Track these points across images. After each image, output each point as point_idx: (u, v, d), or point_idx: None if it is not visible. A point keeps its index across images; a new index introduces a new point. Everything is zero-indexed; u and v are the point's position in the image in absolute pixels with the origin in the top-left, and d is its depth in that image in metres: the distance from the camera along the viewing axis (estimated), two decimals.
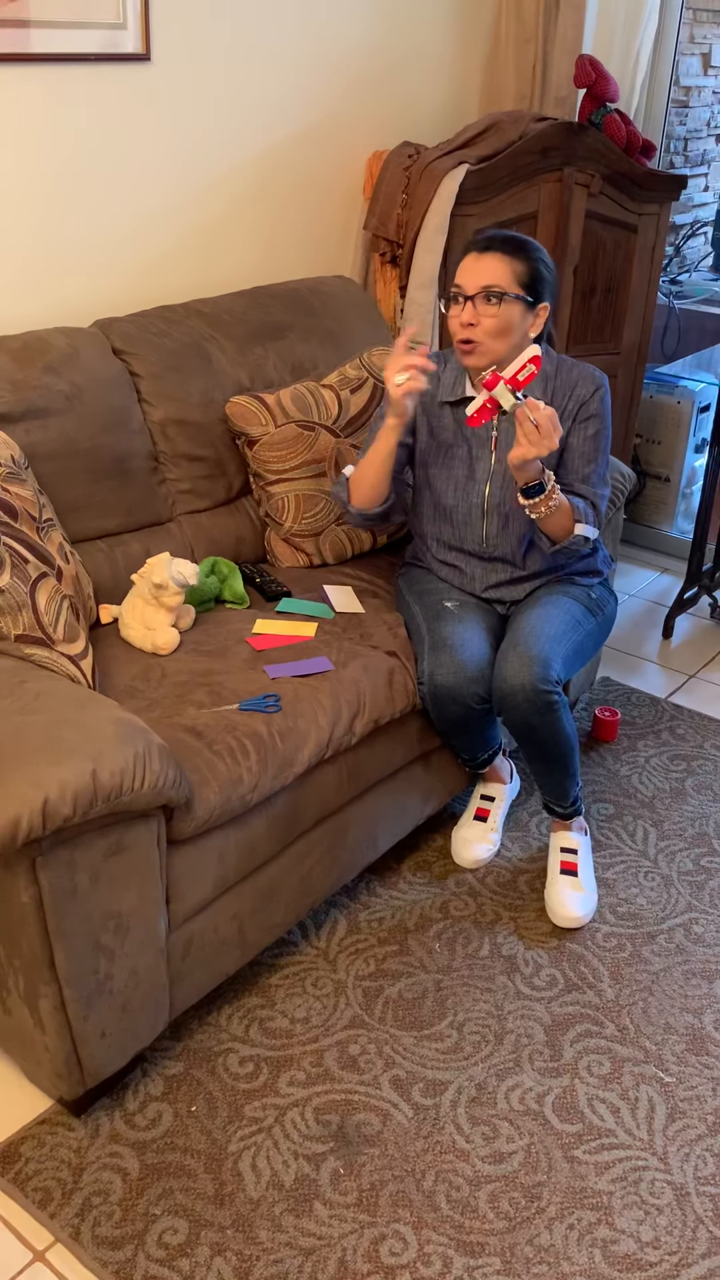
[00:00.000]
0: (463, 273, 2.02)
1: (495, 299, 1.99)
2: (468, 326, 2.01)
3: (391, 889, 2.27)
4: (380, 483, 2.11)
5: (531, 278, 2.02)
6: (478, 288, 2.00)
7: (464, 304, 2.01)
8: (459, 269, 2.03)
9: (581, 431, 2.13)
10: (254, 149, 2.65)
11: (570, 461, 2.14)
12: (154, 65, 2.36)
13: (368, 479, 2.11)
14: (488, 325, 2.01)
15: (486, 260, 2.00)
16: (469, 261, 2.02)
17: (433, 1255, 1.60)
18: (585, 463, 2.14)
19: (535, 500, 1.99)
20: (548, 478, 1.98)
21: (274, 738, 1.84)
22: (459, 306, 2.02)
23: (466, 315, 2.01)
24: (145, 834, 1.63)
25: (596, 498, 2.14)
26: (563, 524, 2.05)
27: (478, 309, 2.00)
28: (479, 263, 2.01)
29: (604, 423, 2.14)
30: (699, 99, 4.09)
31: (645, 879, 2.32)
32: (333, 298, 2.69)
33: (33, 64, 2.15)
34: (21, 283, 2.28)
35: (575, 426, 2.13)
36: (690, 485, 3.89)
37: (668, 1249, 1.62)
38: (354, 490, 2.15)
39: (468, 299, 2.00)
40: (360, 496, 2.14)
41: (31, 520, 1.90)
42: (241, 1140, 1.75)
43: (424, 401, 2.18)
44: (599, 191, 3.01)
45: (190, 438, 2.34)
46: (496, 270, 1.99)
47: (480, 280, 2.00)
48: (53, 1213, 1.64)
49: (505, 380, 1.91)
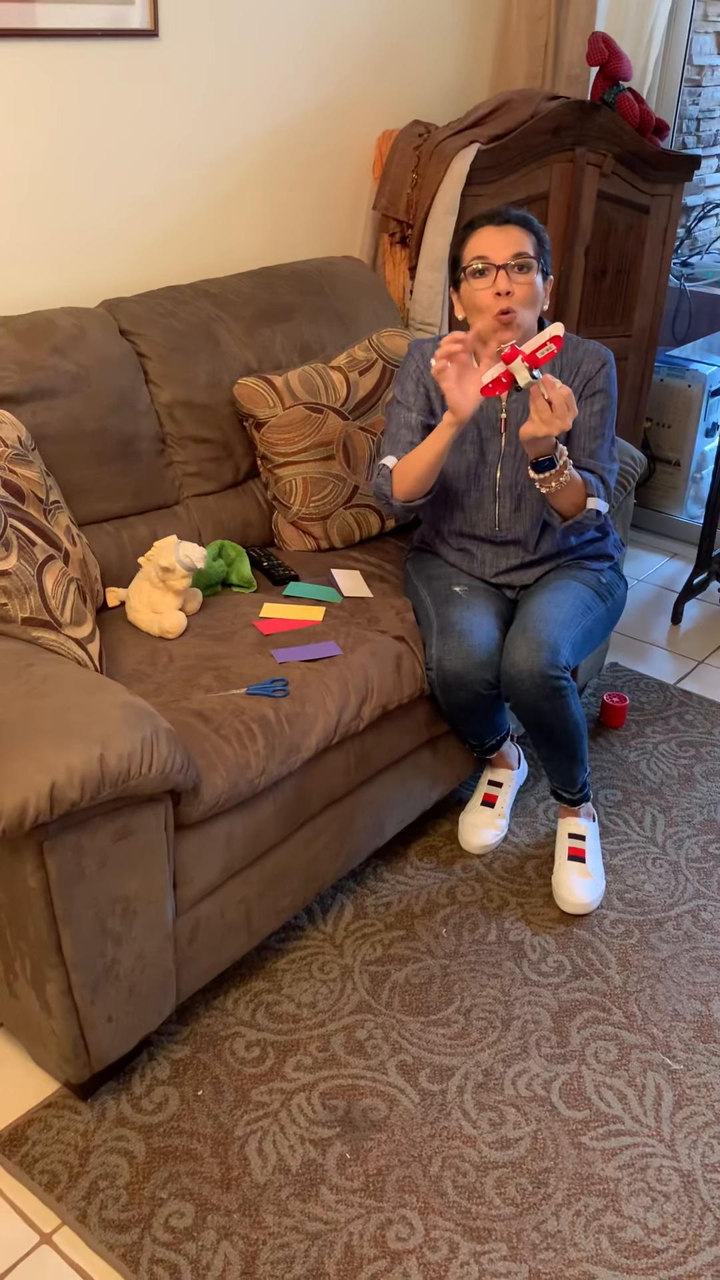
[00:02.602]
0: (484, 245, 1.99)
1: (525, 268, 1.98)
2: (503, 295, 1.98)
3: (399, 874, 2.27)
4: (431, 476, 2.07)
5: (542, 250, 2.03)
6: (508, 256, 1.97)
7: (495, 274, 1.98)
8: (475, 242, 2.00)
9: (588, 407, 2.11)
10: (262, 127, 2.62)
11: (578, 438, 2.12)
12: (161, 41, 2.34)
13: (418, 473, 2.06)
14: (521, 294, 1.99)
15: (509, 231, 1.99)
16: (490, 234, 1.99)
17: (439, 1240, 1.60)
18: (593, 438, 2.12)
19: (546, 475, 1.97)
20: (560, 453, 1.96)
21: (281, 722, 1.83)
22: (488, 278, 1.99)
23: (501, 284, 1.97)
24: (152, 818, 1.63)
25: (605, 472, 2.13)
26: (573, 499, 2.03)
27: (511, 278, 1.98)
28: (502, 233, 1.98)
29: (611, 399, 2.13)
30: (712, 78, 4.04)
31: (653, 865, 2.31)
32: (341, 278, 2.66)
33: (39, 39, 2.13)
34: (28, 262, 2.26)
35: (582, 403, 2.12)
36: (700, 470, 3.86)
37: (674, 1236, 1.62)
38: (399, 482, 2.10)
39: (499, 268, 1.98)
40: (406, 490, 2.09)
41: (38, 502, 1.89)
42: (248, 1125, 1.75)
43: (435, 382, 2.16)
44: (611, 172, 2.98)
45: (197, 420, 2.32)
46: (521, 239, 1.99)
47: (510, 249, 1.97)
48: (59, 1196, 1.64)
49: (524, 356, 1.88)
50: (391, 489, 2.12)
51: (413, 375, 2.17)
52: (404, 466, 2.09)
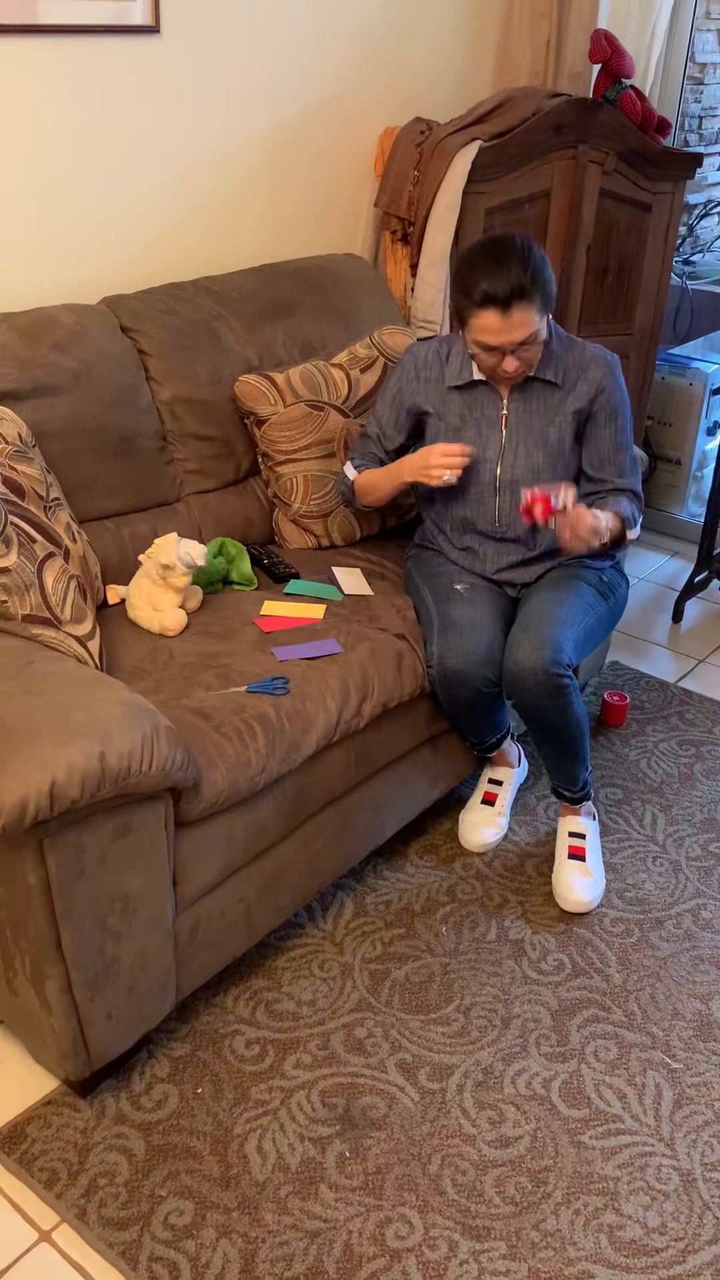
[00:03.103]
0: (491, 332, 1.94)
1: (531, 340, 1.98)
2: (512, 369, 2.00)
3: (399, 872, 2.27)
4: (385, 500, 2.26)
5: (546, 296, 1.97)
6: (515, 343, 1.96)
7: (502, 356, 1.98)
8: (480, 324, 1.94)
9: (611, 425, 2.14)
10: (264, 124, 2.62)
11: (605, 451, 2.16)
12: (163, 38, 2.33)
13: (379, 495, 2.25)
14: (529, 357, 2.01)
15: (515, 317, 1.92)
16: (494, 320, 1.92)
17: (438, 1239, 1.60)
18: (617, 450, 2.16)
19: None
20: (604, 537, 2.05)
21: (282, 720, 1.82)
22: (495, 356, 1.99)
23: (510, 366, 1.99)
24: (152, 816, 1.62)
25: (636, 486, 2.19)
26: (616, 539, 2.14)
27: (519, 355, 1.99)
28: (508, 321, 1.93)
29: (626, 406, 2.16)
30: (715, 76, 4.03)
31: (653, 864, 2.31)
32: (343, 276, 2.66)
33: (40, 35, 2.12)
34: (29, 259, 2.26)
35: (601, 420, 2.13)
36: (701, 468, 3.85)
37: (674, 1235, 1.62)
38: (362, 495, 2.28)
39: (506, 352, 1.98)
40: (368, 502, 2.29)
41: (39, 499, 1.89)
42: (247, 1122, 1.75)
43: (431, 386, 2.16)
44: (613, 169, 2.97)
45: (198, 417, 2.32)
46: (528, 321, 1.94)
47: (516, 336, 1.95)
48: (59, 1193, 1.64)
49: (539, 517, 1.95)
50: (354, 496, 2.30)
51: (393, 387, 2.21)
52: (365, 484, 2.25)
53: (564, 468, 2.15)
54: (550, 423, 2.12)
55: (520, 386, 2.12)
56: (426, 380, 2.17)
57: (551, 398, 2.12)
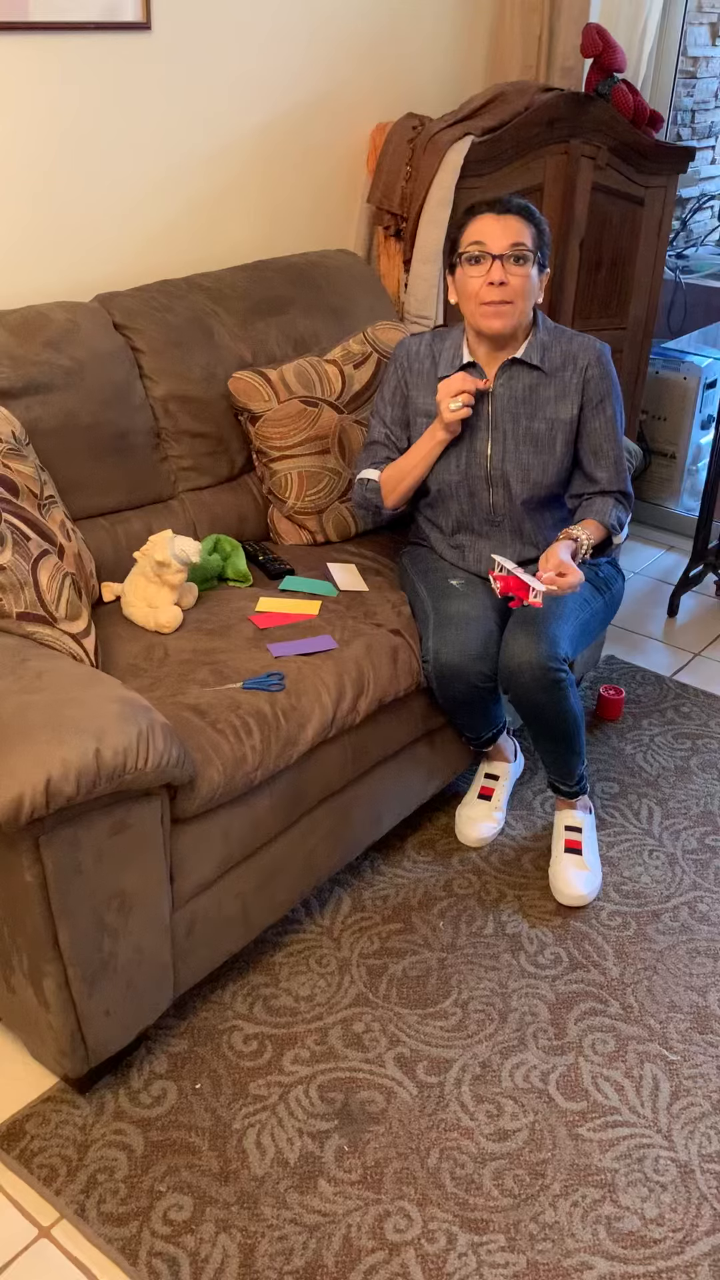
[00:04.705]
0: (483, 232, 1.97)
1: (522, 259, 1.97)
2: (498, 286, 1.98)
3: (396, 867, 2.27)
4: (417, 485, 2.18)
5: (541, 243, 2.02)
6: (506, 246, 1.96)
7: (491, 263, 1.98)
8: (474, 228, 1.99)
9: (600, 415, 2.13)
10: (255, 120, 2.62)
11: (595, 442, 2.14)
12: (154, 34, 2.33)
13: (405, 484, 2.17)
14: (516, 285, 1.99)
15: (509, 220, 1.97)
16: (489, 222, 1.98)
17: (437, 1232, 1.60)
18: (608, 441, 2.15)
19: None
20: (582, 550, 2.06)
21: (278, 716, 1.83)
22: (482, 266, 1.98)
23: (496, 273, 1.97)
24: (149, 813, 1.63)
25: (625, 486, 2.18)
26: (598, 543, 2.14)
27: (506, 268, 1.98)
28: (502, 222, 1.97)
29: (617, 396, 2.15)
30: (707, 69, 4.03)
31: (650, 857, 2.31)
32: (336, 272, 2.66)
33: (31, 32, 2.12)
34: (21, 256, 2.26)
35: (591, 410, 2.12)
36: (696, 462, 3.86)
37: (672, 1226, 1.62)
38: (389, 494, 2.20)
39: (495, 258, 1.97)
40: (397, 499, 2.20)
41: (33, 497, 1.89)
42: (246, 1118, 1.75)
43: (424, 379, 2.16)
44: (605, 164, 2.97)
45: (192, 414, 2.32)
46: (521, 230, 1.97)
47: (508, 238, 1.96)
48: (58, 1189, 1.64)
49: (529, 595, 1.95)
50: (381, 500, 2.20)
51: (391, 384, 2.20)
52: (391, 478, 2.18)
53: (555, 469, 2.14)
54: (538, 417, 2.11)
55: (506, 371, 2.10)
56: (419, 373, 2.17)
57: (539, 388, 2.11)
